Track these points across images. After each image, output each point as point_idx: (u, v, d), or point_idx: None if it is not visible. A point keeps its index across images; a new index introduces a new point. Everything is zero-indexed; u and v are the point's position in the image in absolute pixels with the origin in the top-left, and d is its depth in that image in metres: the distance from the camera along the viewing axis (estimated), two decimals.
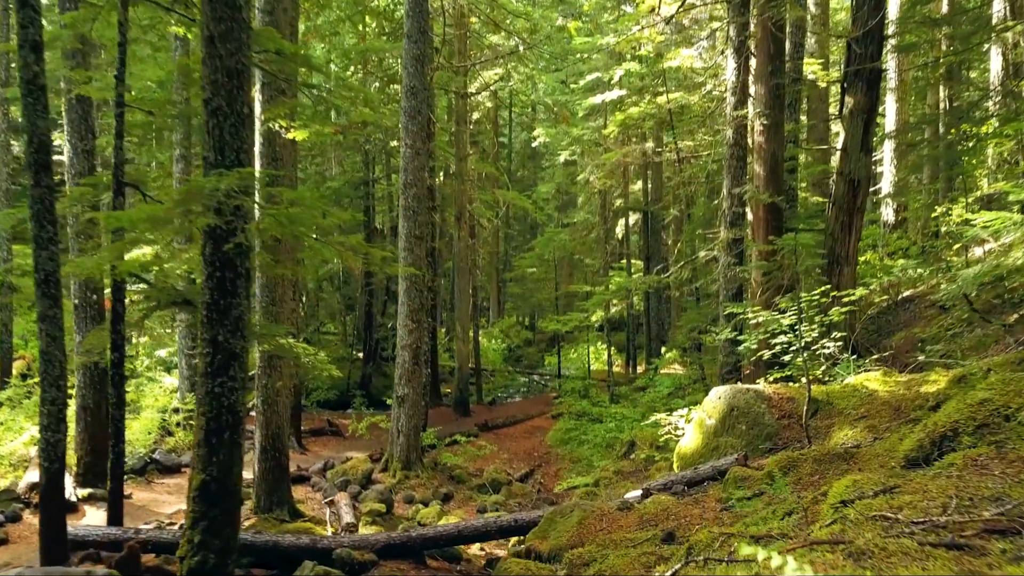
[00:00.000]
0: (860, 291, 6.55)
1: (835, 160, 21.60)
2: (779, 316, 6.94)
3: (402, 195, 12.50)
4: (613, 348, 27.55)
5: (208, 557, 5.07)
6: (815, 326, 6.79)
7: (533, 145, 32.35)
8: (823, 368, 7.50)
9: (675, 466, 7.44)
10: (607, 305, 17.94)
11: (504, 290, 36.68)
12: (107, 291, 14.12)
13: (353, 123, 23.33)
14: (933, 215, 19.37)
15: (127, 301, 7.61)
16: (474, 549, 8.43)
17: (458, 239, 20.25)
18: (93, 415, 10.59)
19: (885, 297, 12.09)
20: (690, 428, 7.49)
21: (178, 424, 14.31)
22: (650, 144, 21.88)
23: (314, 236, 5.27)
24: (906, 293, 15.49)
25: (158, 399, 14.37)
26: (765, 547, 3.54)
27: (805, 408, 5.99)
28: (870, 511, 3.25)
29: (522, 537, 6.56)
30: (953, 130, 18.55)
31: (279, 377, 9.51)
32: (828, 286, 6.79)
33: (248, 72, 5.42)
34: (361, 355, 25.43)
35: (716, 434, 6.93)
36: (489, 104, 30.65)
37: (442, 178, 25.74)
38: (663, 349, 24.67)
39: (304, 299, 31.85)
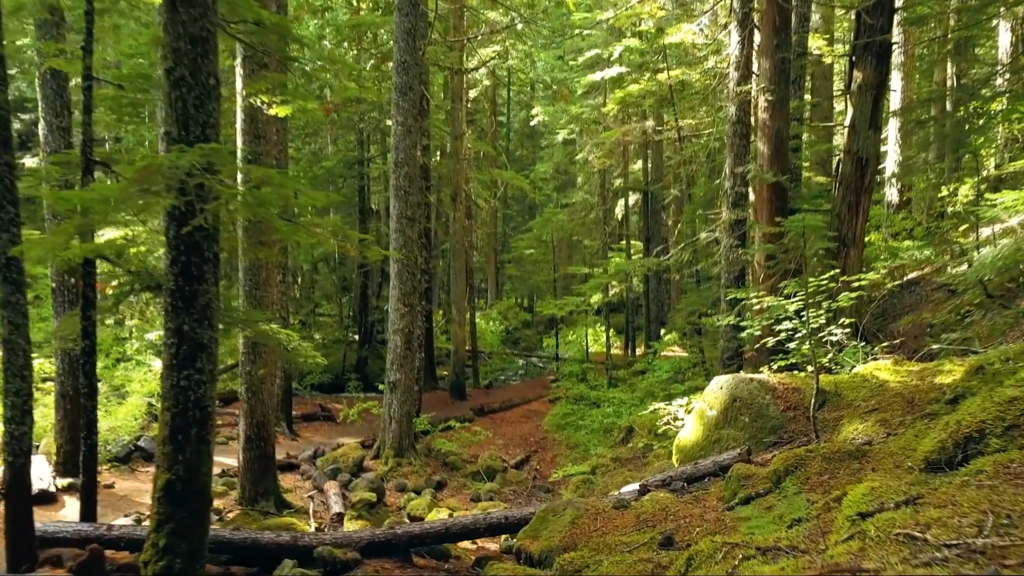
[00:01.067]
0: (872, 275, 6.19)
1: (838, 139, 21.14)
2: (784, 302, 6.57)
3: (393, 174, 12.08)
4: (612, 330, 27.23)
5: (174, 562, 4.74)
6: (822, 312, 6.42)
7: (532, 124, 31.81)
8: (829, 356, 7.14)
9: (674, 458, 7.11)
10: (606, 288, 17.56)
11: (502, 272, 36.28)
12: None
13: (347, 101, 22.84)
14: (940, 195, 18.99)
15: (115, 284, 7.26)
16: (465, 543, 8.12)
17: (454, 220, 19.83)
18: (73, 402, 10.22)
19: (897, 282, 11.70)
20: (690, 419, 7.15)
21: None
22: (650, 123, 21.37)
23: (285, 217, 4.89)
24: (911, 275, 15.12)
25: (145, 383, 14.02)
26: (773, 562, 3.20)
27: (812, 400, 5.64)
28: (893, 527, 2.90)
29: (511, 536, 6.25)
30: (962, 108, 18.08)
31: (263, 364, 9.16)
32: (837, 270, 6.42)
33: (214, 39, 5.01)
34: (357, 337, 25.10)
35: (717, 426, 6.59)
36: (487, 82, 30.08)
37: (438, 158, 25.28)
38: (662, 331, 24.33)
39: (299, 280, 31.52)
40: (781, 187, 10.37)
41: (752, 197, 11.48)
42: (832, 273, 6.33)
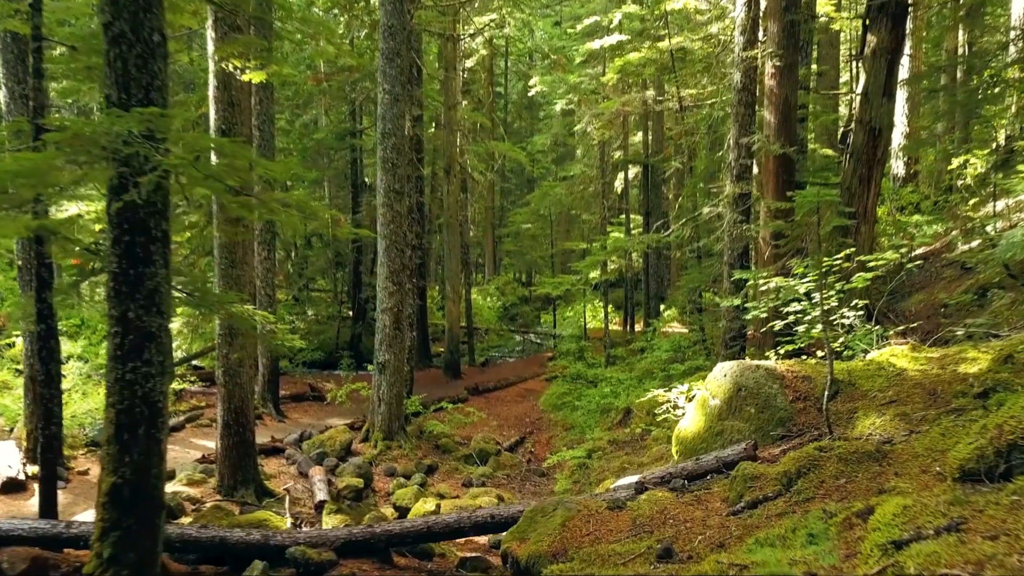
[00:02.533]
0: (890, 254, 5.67)
1: (843, 109, 20.46)
2: (794, 282, 6.06)
3: (380, 146, 11.50)
4: (610, 306, 26.75)
5: (121, 574, 4.29)
6: (833, 293, 5.92)
7: (530, 95, 31.02)
8: (840, 340, 6.64)
9: (674, 450, 6.65)
10: (604, 265, 17.02)
11: (500, 246, 35.70)
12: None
13: (339, 70, 22.11)
14: (950, 167, 18.36)
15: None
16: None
17: (447, 194, 19.24)
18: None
19: (906, 259, 11.17)
20: (691, 408, 6.68)
21: None
22: (650, 92, 20.67)
23: (245, 192, 4.36)
24: (919, 251, 14.59)
25: None
26: None
27: (826, 391, 5.15)
28: (937, 565, 2.42)
29: (498, 537, 5.82)
30: (975, 76, 17.42)
31: (239, 348, 8.67)
32: (852, 248, 5.90)
33: None
34: (351, 313, 24.62)
35: (721, 417, 6.12)
36: (484, 52, 29.26)
37: (434, 129, 24.59)
38: (662, 307, 23.85)
39: (292, 255, 30.96)
40: (788, 159, 9.82)
41: (757, 170, 10.94)
42: (847, 252, 5.81)
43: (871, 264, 5.96)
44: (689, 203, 19.80)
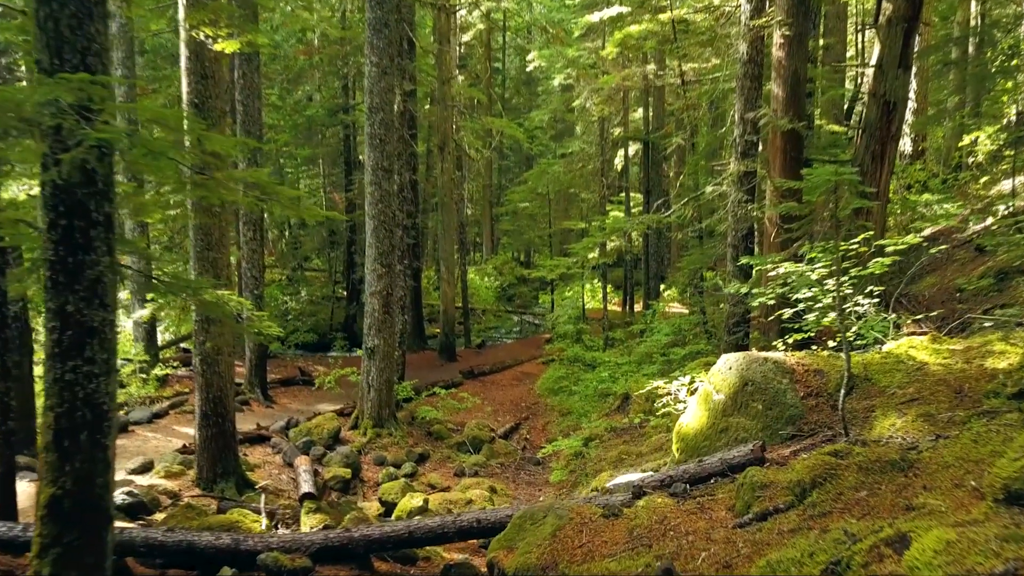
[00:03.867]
0: (911, 238, 5.19)
1: (849, 84, 19.85)
2: (804, 267, 5.60)
3: (368, 121, 10.96)
4: (610, 286, 26.26)
5: None
6: (847, 279, 5.45)
7: (528, 70, 30.32)
8: (853, 330, 6.17)
9: (674, 448, 6.22)
10: (603, 246, 16.54)
11: (497, 225, 35.15)
12: None
13: (331, 42, 21.46)
14: (961, 144, 17.81)
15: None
16: None
17: (441, 172, 18.68)
18: (15, 379, 9.31)
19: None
20: (693, 402, 6.24)
21: (135, 372, 13.12)
22: (651, 67, 20.04)
23: (197, 170, 3.89)
24: (928, 231, 14.11)
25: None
26: None
27: (842, 389, 4.71)
28: None
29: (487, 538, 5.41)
30: (989, 50, 16.82)
31: (218, 334, 8.22)
32: (870, 232, 5.42)
33: None
34: (346, 294, 24.16)
35: (725, 413, 5.68)
36: (481, 26, 28.55)
37: (429, 106, 23.96)
38: (662, 287, 23.40)
39: (287, 234, 30.46)
40: (797, 135, 9.30)
41: (762, 147, 10.42)
42: (865, 235, 5.34)
43: (889, 248, 5.48)
44: (691, 181, 19.25)
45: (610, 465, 9.96)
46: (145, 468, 9.01)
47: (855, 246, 5.35)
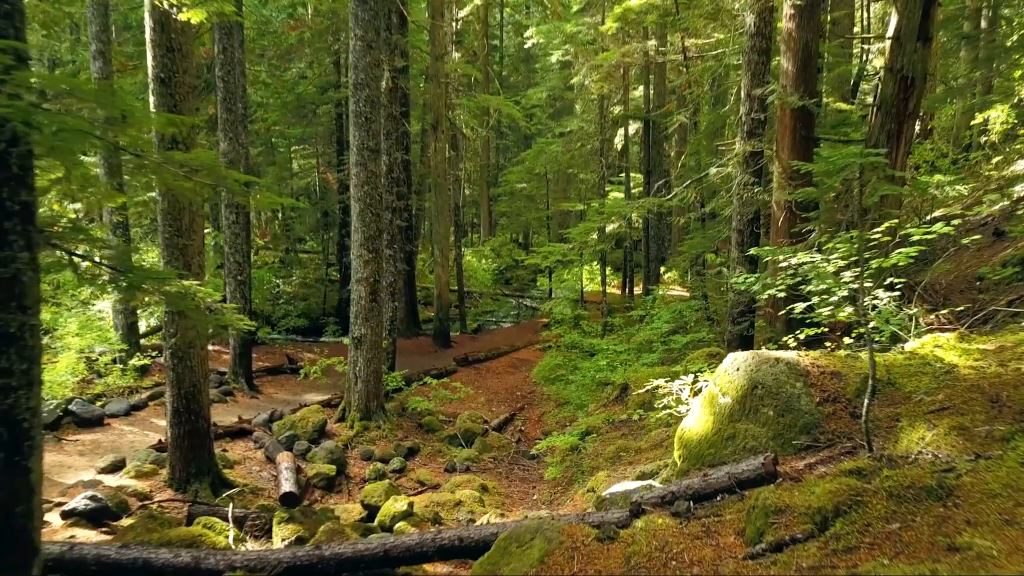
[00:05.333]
0: (940, 226, 4.65)
1: (855, 61, 19.16)
2: (821, 259, 5.07)
3: (352, 98, 10.37)
4: (609, 268, 25.72)
5: None
6: (868, 270, 4.93)
7: (526, 47, 29.57)
8: (871, 325, 5.63)
9: (676, 454, 5.72)
10: (601, 231, 15.97)
11: (495, 206, 34.53)
12: None
13: (320, 15, 20.75)
14: (973, 123, 17.20)
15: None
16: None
17: (435, 151, 18.07)
18: None
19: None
20: (697, 404, 5.73)
21: (115, 361, 12.61)
22: (652, 43, 19.32)
23: (134, 152, 3.35)
24: (937, 212, 13.55)
25: (87, 333, 12.57)
26: None
27: (867, 398, 4.19)
28: None
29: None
30: (1004, 24, 16.15)
31: (190, 327, 7.69)
32: (896, 220, 4.88)
33: None
34: (339, 277, 23.62)
35: (733, 418, 5.17)
36: (478, 1, 27.75)
37: (424, 85, 23.26)
38: (662, 268, 22.87)
39: (280, 215, 29.83)
40: (808, 112, 8.72)
41: (770, 126, 9.86)
42: (891, 223, 4.81)
43: (915, 237, 4.94)
44: (692, 161, 18.66)
45: (607, 462, 9.49)
46: (116, 467, 8.53)
47: (878, 235, 4.82)
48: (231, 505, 6.60)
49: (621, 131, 23.94)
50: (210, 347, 15.40)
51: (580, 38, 20.68)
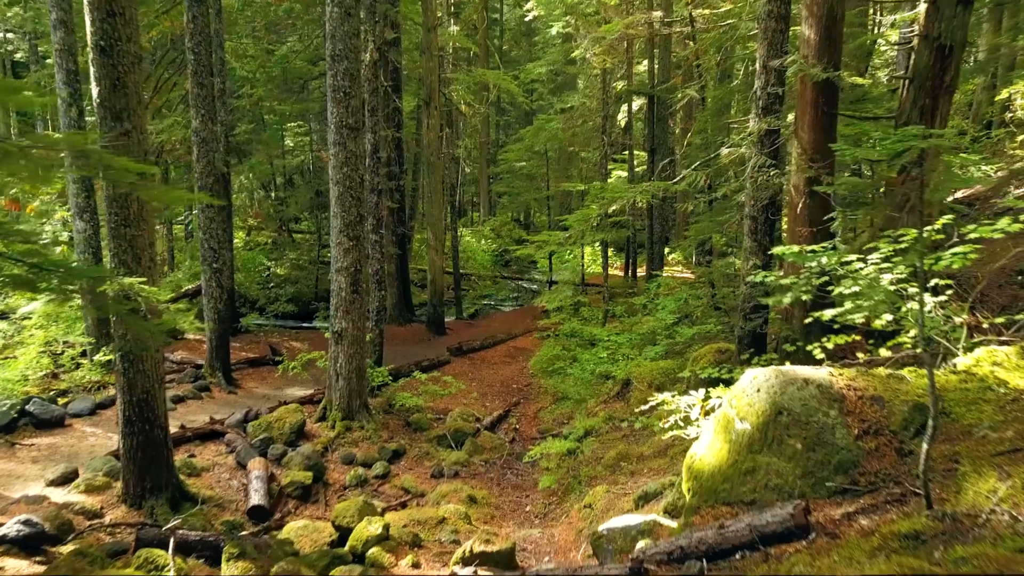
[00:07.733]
0: (1006, 222, 3.82)
1: (868, 31, 18.11)
2: (855, 259, 4.26)
3: (329, 71, 9.48)
4: (611, 248, 24.80)
5: None
6: (900, 269, 4.10)
7: (527, 19, 28.44)
8: (912, 334, 4.79)
9: (684, 487, 4.91)
10: (604, 217, 15.08)
11: (494, 185, 33.56)
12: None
13: None
14: (997, 98, 16.27)
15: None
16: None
17: (427, 128, 17.13)
18: None
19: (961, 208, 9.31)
20: (709, 428, 4.91)
21: (83, 355, 11.85)
22: (658, 14, 18.29)
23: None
24: (959, 194, 12.64)
25: (49, 329, 11.80)
26: None
27: (926, 442, 3.37)
28: None
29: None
30: None
31: (123, 335, 6.88)
32: (950, 217, 4.03)
33: None
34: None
35: (752, 448, 4.37)
36: None
37: (419, 57, 22.23)
38: (666, 250, 21.98)
39: (272, 194, 28.93)
40: (832, 86, 7.82)
41: (789, 100, 8.96)
42: (947, 219, 3.97)
43: (971, 236, 4.11)
44: (699, 139, 17.69)
45: (607, 470, 8.72)
46: (67, 478, 7.78)
47: (929, 232, 4.00)
48: (172, 538, 5.81)
49: (624, 107, 22.95)
50: (190, 337, 14.70)
51: (582, 9, 19.63)
